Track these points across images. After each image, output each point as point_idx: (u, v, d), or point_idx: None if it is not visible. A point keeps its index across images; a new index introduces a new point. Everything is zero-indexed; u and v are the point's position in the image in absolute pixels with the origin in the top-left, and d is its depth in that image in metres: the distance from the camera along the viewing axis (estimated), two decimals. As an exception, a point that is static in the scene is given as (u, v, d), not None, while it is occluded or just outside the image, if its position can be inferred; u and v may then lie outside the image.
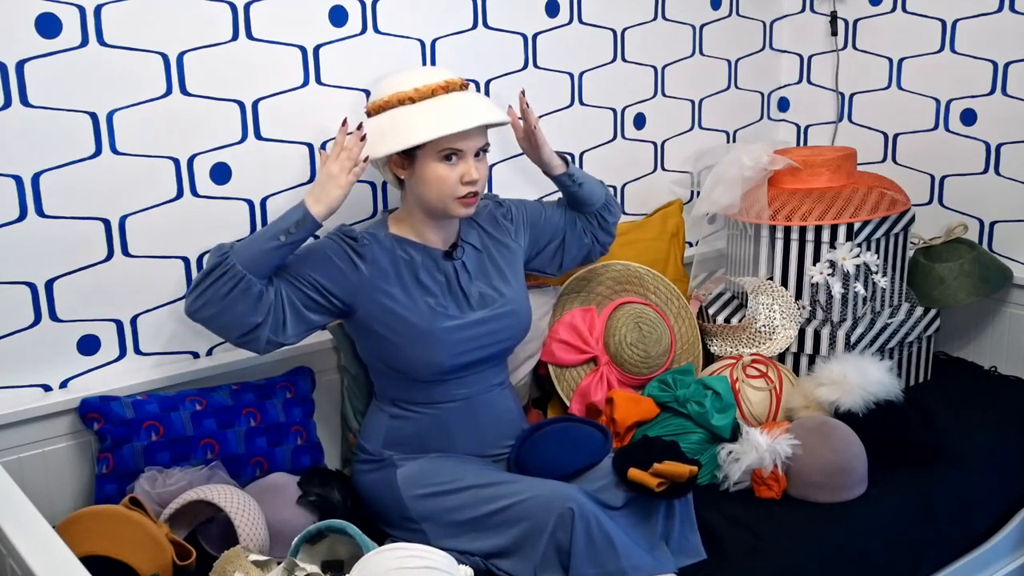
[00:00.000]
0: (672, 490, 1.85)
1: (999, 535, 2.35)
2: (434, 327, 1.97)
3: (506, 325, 2.07)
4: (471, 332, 2.01)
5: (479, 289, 2.07)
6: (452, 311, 2.01)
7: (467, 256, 2.09)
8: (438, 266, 2.04)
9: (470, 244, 2.11)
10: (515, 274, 2.15)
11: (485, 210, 2.17)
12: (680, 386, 2.28)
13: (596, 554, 1.75)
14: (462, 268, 2.06)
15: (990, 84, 2.70)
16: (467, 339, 2.01)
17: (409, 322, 1.98)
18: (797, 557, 1.98)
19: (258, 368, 2.21)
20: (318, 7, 2.19)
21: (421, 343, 1.97)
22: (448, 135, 1.90)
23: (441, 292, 2.02)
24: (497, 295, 2.08)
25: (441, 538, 1.89)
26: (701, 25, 2.88)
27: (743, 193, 2.61)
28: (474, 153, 1.96)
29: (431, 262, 2.04)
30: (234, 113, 2.13)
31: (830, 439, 2.17)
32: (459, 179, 1.95)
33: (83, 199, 1.98)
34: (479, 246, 2.12)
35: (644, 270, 2.55)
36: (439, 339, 1.97)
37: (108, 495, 1.96)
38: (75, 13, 1.91)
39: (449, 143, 1.92)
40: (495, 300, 2.07)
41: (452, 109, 1.93)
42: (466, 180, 1.95)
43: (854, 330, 2.51)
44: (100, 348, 2.07)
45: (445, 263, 2.05)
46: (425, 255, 2.04)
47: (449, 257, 2.06)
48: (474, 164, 1.96)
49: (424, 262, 2.03)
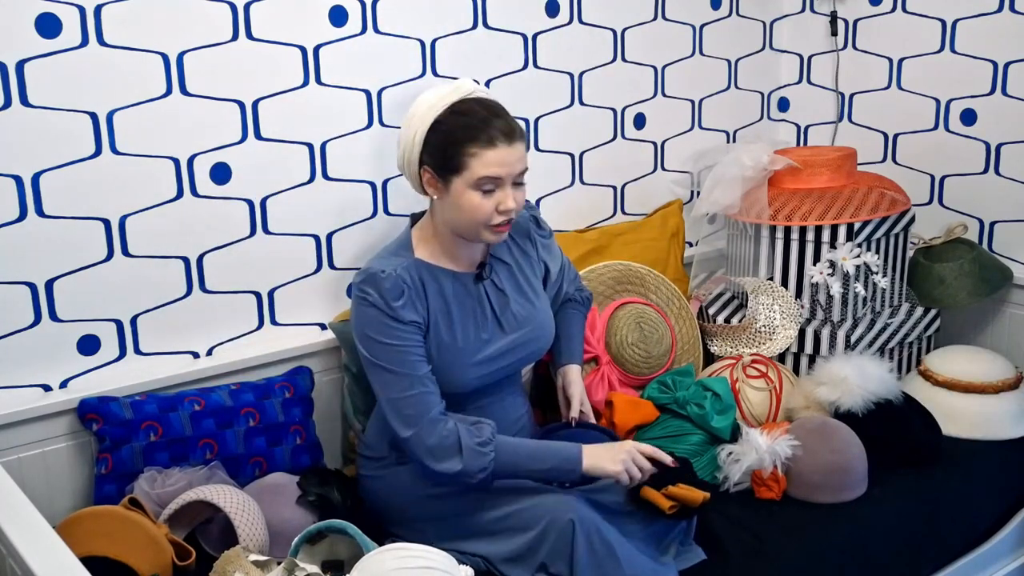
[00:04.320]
0: (682, 512, 1.86)
1: (999, 535, 2.35)
2: (467, 362, 1.93)
3: (534, 342, 2.03)
4: (501, 357, 1.97)
5: (513, 308, 2.00)
6: (485, 337, 1.95)
7: (498, 274, 2.02)
8: (468, 291, 1.97)
9: (500, 260, 2.04)
10: (541, 288, 2.11)
11: (522, 220, 2.08)
12: (680, 388, 2.27)
13: (598, 563, 1.74)
14: (493, 288, 2.00)
15: (990, 84, 2.70)
16: (496, 363, 1.97)
17: (443, 356, 1.91)
18: (797, 558, 1.98)
19: (257, 368, 2.21)
20: (318, 7, 2.19)
21: (448, 372, 1.91)
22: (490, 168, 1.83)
23: (474, 321, 1.96)
24: (529, 313, 2.02)
25: (443, 539, 1.88)
26: (701, 25, 2.88)
27: (743, 193, 2.61)
28: (511, 181, 1.87)
29: (461, 288, 1.96)
30: (234, 113, 2.13)
31: (830, 439, 2.17)
32: (495, 208, 1.86)
33: (83, 199, 1.98)
34: (510, 261, 2.05)
35: (645, 270, 2.55)
36: (468, 369, 1.93)
37: (107, 495, 1.96)
38: (75, 13, 1.90)
39: (489, 174, 1.84)
40: (527, 319, 2.01)
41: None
42: (502, 209, 1.86)
43: (854, 330, 2.51)
44: (100, 348, 2.07)
45: (475, 287, 1.98)
46: (455, 281, 1.96)
47: (479, 279, 1.99)
48: (511, 193, 1.86)
49: (455, 289, 1.95)
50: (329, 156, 2.26)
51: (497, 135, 1.83)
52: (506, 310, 2.00)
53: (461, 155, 1.83)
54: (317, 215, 2.28)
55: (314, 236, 2.29)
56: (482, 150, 1.82)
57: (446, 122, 1.86)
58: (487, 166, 1.82)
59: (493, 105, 1.90)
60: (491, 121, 1.84)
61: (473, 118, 1.85)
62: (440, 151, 1.86)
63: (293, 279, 2.28)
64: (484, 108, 1.87)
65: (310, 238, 2.29)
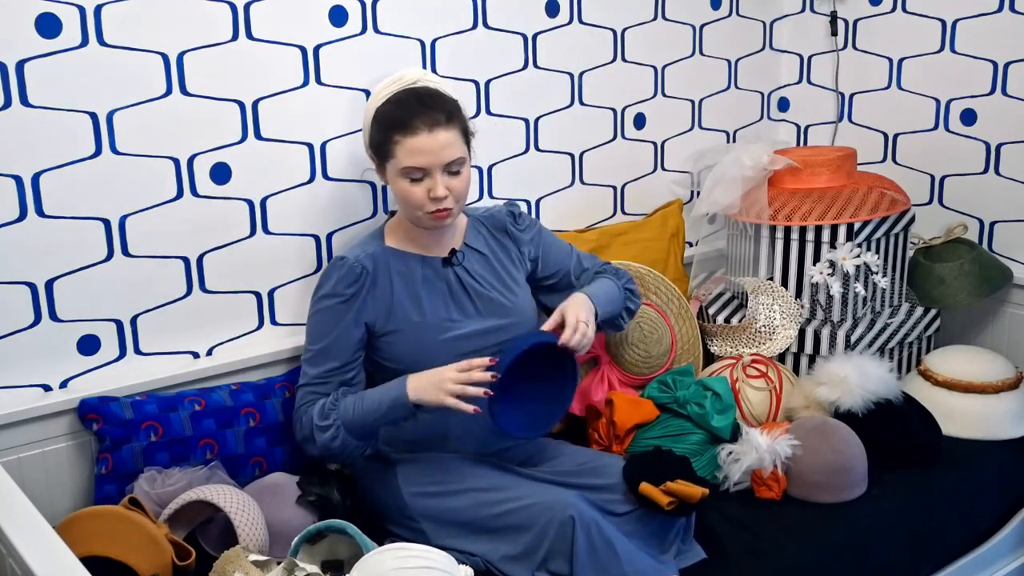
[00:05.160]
0: (680, 508, 1.86)
1: (999, 535, 2.35)
2: (435, 339, 1.97)
3: (515, 327, 2.05)
4: (476, 340, 2.00)
5: (492, 295, 2.05)
6: (456, 319, 2.00)
7: (471, 261, 2.07)
8: (438, 274, 2.03)
9: (475, 250, 2.09)
10: (523, 280, 2.14)
11: (499, 215, 2.15)
12: (680, 387, 2.27)
13: (598, 560, 1.75)
14: (465, 274, 2.05)
15: (990, 84, 2.70)
16: (471, 342, 2.00)
17: (411, 337, 1.98)
18: (797, 557, 1.98)
19: (257, 368, 2.21)
20: (318, 7, 2.19)
21: (424, 354, 1.96)
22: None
23: (444, 302, 2.01)
24: (505, 301, 2.06)
25: (441, 538, 1.89)
26: (701, 25, 2.88)
27: (743, 193, 2.61)
28: (440, 171, 1.91)
29: (431, 271, 2.03)
30: (234, 113, 2.13)
31: (830, 439, 2.17)
32: (426, 195, 1.92)
33: (83, 199, 1.98)
34: (486, 251, 2.10)
35: (645, 270, 2.55)
36: (442, 350, 1.96)
37: (107, 495, 1.96)
38: (75, 13, 1.90)
39: (412, 163, 1.91)
40: (503, 307, 2.05)
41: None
42: (432, 196, 1.91)
43: (854, 330, 2.51)
44: (100, 348, 2.07)
45: (445, 270, 2.04)
46: (424, 265, 2.03)
47: (448, 263, 2.05)
48: (442, 180, 1.91)
49: (424, 272, 2.02)
50: (329, 156, 2.26)
51: (419, 124, 1.90)
52: (483, 296, 2.04)
53: (389, 143, 1.93)
54: (317, 215, 2.28)
55: (314, 236, 2.29)
56: (404, 138, 1.91)
57: (381, 111, 1.98)
58: (409, 154, 1.91)
59: (424, 94, 1.97)
60: (416, 110, 1.92)
61: (401, 107, 1.94)
62: (376, 139, 1.98)
63: (293, 279, 2.28)
64: (416, 98, 1.96)
65: (310, 238, 2.29)
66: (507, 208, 2.17)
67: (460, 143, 1.94)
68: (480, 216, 2.15)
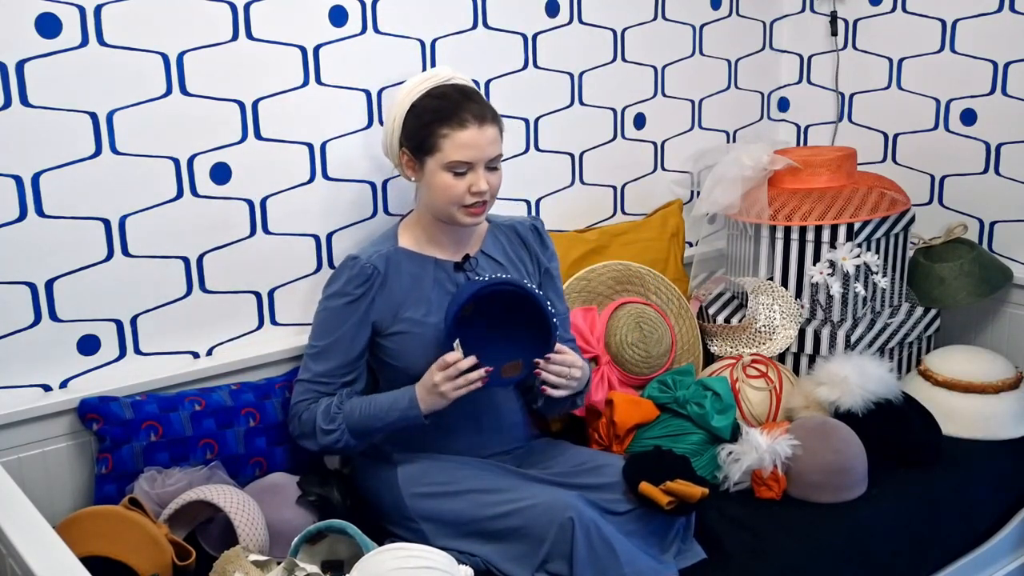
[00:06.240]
0: (680, 508, 1.86)
1: (999, 535, 2.35)
2: (439, 342, 1.95)
3: None
4: None
5: None
6: None
7: (484, 268, 2.07)
8: (449, 277, 2.04)
9: (491, 257, 2.09)
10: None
11: (522, 226, 2.15)
12: (680, 387, 2.27)
13: (597, 561, 1.75)
14: None
15: (990, 84, 2.70)
16: None
17: (416, 338, 1.98)
18: (797, 557, 1.98)
19: (257, 368, 2.21)
20: (318, 7, 2.19)
21: (428, 356, 1.95)
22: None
23: None
24: None
25: (440, 538, 1.88)
26: (701, 25, 2.88)
27: (743, 193, 2.61)
28: (483, 165, 1.95)
29: (443, 274, 2.03)
30: (234, 113, 2.13)
31: (830, 439, 2.17)
32: (467, 188, 1.94)
33: (83, 199, 1.98)
34: (503, 260, 2.10)
35: (645, 270, 2.55)
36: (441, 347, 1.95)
37: (107, 495, 1.96)
38: (75, 13, 1.90)
39: (460, 156, 1.92)
40: None
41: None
42: (475, 191, 1.94)
43: (854, 330, 2.51)
44: (100, 348, 2.07)
45: (456, 275, 2.04)
46: (436, 267, 2.03)
47: (460, 268, 2.05)
48: (484, 175, 1.94)
49: (436, 275, 2.02)
50: (329, 156, 2.26)
51: (468, 117, 1.92)
52: None
53: (434, 136, 1.93)
54: (317, 215, 2.28)
55: (314, 236, 2.29)
56: (453, 131, 1.92)
57: (422, 105, 1.97)
58: (458, 147, 1.91)
59: (468, 90, 2.00)
60: (464, 104, 1.94)
61: (447, 101, 1.95)
62: (416, 133, 1.97)
63: (293, 279, 2.28)
64: (458, 92, 1.97)
65: (310, 238, 2.29)
66: (531, 222, 2.18)
67: (500, 140, 1.98)
68: (502, 224, 2.15)
